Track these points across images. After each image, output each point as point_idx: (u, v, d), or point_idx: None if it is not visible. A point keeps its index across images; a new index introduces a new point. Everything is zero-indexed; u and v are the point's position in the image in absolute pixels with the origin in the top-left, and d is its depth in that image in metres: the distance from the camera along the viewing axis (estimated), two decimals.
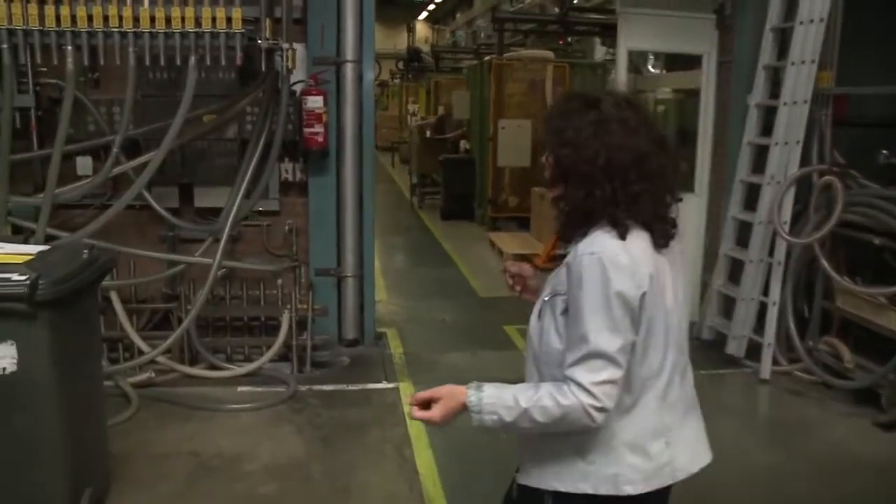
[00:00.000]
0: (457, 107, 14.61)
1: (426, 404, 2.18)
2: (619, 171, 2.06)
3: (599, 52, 18.38)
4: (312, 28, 6.06)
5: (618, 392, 2.03)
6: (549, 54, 13.44)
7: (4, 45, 4.90)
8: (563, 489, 2.14)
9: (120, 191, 5.88)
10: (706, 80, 7.22)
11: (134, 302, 6.01)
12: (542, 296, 2.20)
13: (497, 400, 2.08)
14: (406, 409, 5.38)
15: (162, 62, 5.08)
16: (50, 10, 4.80)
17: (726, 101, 7.15)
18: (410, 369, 6.17)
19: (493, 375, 2.32)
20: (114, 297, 5.67)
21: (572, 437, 2.10)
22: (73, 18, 4.85)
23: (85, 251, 3.70)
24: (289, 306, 5.87)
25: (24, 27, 4.83)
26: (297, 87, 5.92)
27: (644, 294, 2.03)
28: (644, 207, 2.08)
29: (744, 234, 6.53)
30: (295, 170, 6.24)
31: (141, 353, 5.61)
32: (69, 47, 4.90)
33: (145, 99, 5.80)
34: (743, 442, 5.09)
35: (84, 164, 6.07)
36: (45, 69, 5.74)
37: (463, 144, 14.52)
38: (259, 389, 5.60)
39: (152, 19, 4.89)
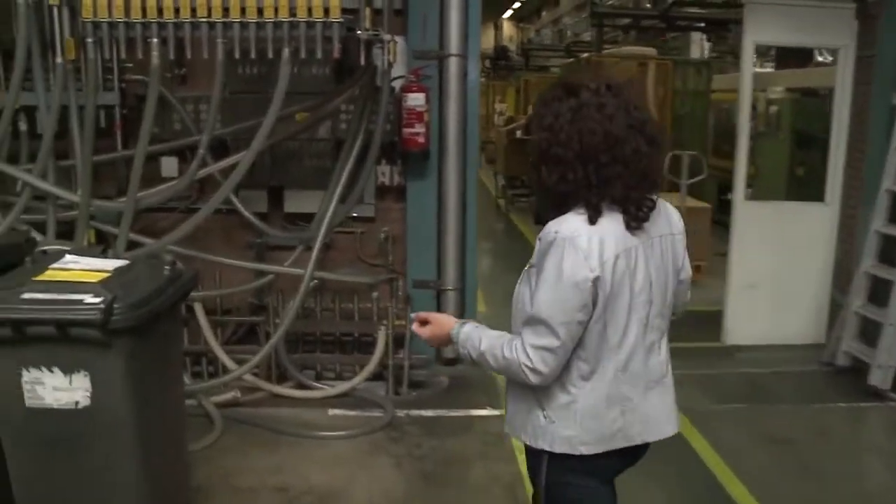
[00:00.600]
0: None
1: (424, 322, 2.49)
2: (592, 155, 2.17)
3: (695, 49, 17.58)
4: (413, 19, 5.57)
5: (554, 361, 2.21)
6: (651, 51, 12.73)
7: (90, 39, 4.54)
8: (528, 442, 2.40)
9: (206, 194, 5.51)
10: (841, 77, 6.48)
11: (219, 313, 5.62)
12: (527, 265, 2.36)
13: (468, 339, 2.37)
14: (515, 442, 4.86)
15: (252, 55, 4.64)
16: (136, 0, 4.42)
17: (865, 101, 6.42)
18: None
19: None
20: (198, 308, 5.27)
21: (539, 396, 2.32)
22: (160, 9, 4.44)
23: (167, 266, 3.26)
24: (385, 322, 5.39)
25: (109, 19, 4.45)
26: (396, 84, 5.43)
27: (597, 278, 2.17)
28: (616, 190, 2.20)
29: (889, 250, 5.82)
30: (392, 173, 5.76)
31: (226, 369, 5.20)
32: (155, 40, 4.50)
33: (233, 96, 5.40)
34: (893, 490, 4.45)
35: (169, 165, 5.71)
36: (130, 65, 5.38)
37: None
38: (352, 413, 5.13)
39: (242, 9, 4.44)
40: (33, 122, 5.21)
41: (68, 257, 3.26)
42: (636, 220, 2.24)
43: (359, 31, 4.65)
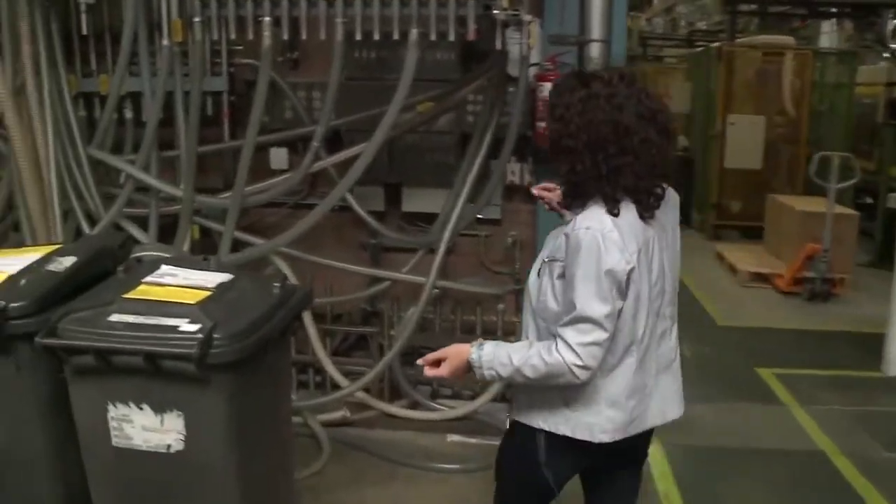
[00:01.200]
0: (674, 99, 13.11)
1: (436, 363, 2.43)
2: (601, 146, 2.22)
3: (826, 39, 16.33)
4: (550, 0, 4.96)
5: (601, 353, 2.24)
6: (790, 40, 11.74)
7: (197, 19, 4.12)
8: (547, 429, 2.40)
9: (317, 188, 5.05)
10: None
11: (328, 321, 5.15)
12: (542, 255, 2.40)
13: (494, 358, 2.31)
14: (658, 486, 4.24)
15: (376, 37, 4.12)
16: None
17: None
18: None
19: (757, 442, 2.10)
20: (307, 317, 4.78)
21: (562, 388, 2.31)
22: None
23: (276, 284, 2.76)
24: (511, 338, 4.81)
25: None
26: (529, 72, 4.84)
27: (632, 269, 2.23)
28: (626, 180, 2.25)
29: None
30: (522, 171, 5.16)
31: (335, 385, 4.72)
32: (267, 19, 4.03)
33: (348, 82, 4.87)
34: None
35: (278, 156, 5.25)
36: (240, 46, 4.95)
37: (680, 141, 13.02)
38: (473, 441, 4.59)
39: None
40: (139, 109, 4.85)
41: (164, 268, 2.80)
42: (648, 209, 2.30)
43: (496, 11, 4.08)
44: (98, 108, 4.90)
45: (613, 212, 2.23)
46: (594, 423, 2.34)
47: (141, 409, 2.46)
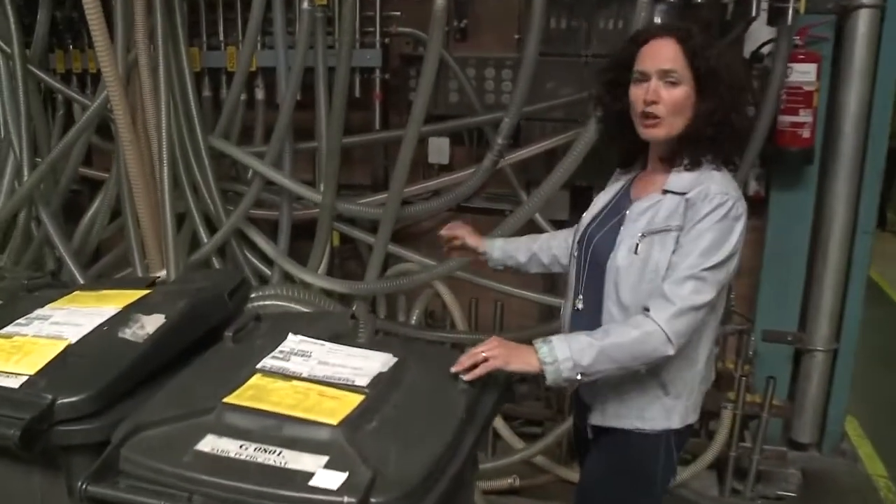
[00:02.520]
0: None
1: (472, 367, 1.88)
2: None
3: None
4: None
5: (697, 321, 1.95)
6: None
7: None
8: (644, 427, 2.09)
9: (484, 188, 4.07)
10: None
11: None
12: (637, 230, 2.03)
13: (569, 346, 1.91)
14: None
15: None
16: None
17: None
18: None
19: None
20: None
21: (659, 375, 2.04)
22: None
23: (463, 384, 1.76)
24: (732, 394, 3.69)
25: None
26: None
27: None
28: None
29: None
30: (748, 178, 4.00)
31: (506, 447, 3.75)
32: None
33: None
34: None
35: (439, 149, 4.28)
36: (397, 13, 3.99)
37: None
38: None
39: None
40: (273, 89, 3.97)
41: (292, 341, 1.84)
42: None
43: None
44: (226, 88, 4.05)
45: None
46: (689, 406, 2.11)
47: None
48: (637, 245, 2.02)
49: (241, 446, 1.47)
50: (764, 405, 3.66)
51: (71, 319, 1.95)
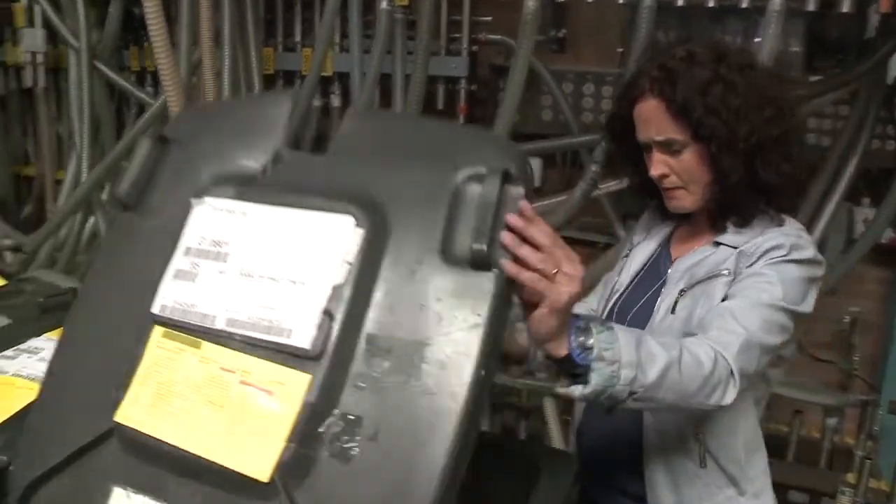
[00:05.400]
0: None
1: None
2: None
3: None
4: None
5: (758, 368, 1.50)
6: None
7: None
8: None
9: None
10: None
11: None
12: (677, 286, 1.64)
13: (636, 341, 1.30)
14: None
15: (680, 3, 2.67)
16: None
17: None
18: None
19: None
20: None
21: (728, 467, 1.61)
22: None
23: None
24: (852, 477, 3.15)
25: None
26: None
27: None
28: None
29: None
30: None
31: None
32: None
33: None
34: None
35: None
36: (487, 18, 3.64)
37: None
38: None
39: None
40: (348, 96, 3.67)
41: None
42: None
43: None
44: None
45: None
46: None
47: None
48: (676, 303, 1.64)
49: None
50: (893, 495, 3.11)
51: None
